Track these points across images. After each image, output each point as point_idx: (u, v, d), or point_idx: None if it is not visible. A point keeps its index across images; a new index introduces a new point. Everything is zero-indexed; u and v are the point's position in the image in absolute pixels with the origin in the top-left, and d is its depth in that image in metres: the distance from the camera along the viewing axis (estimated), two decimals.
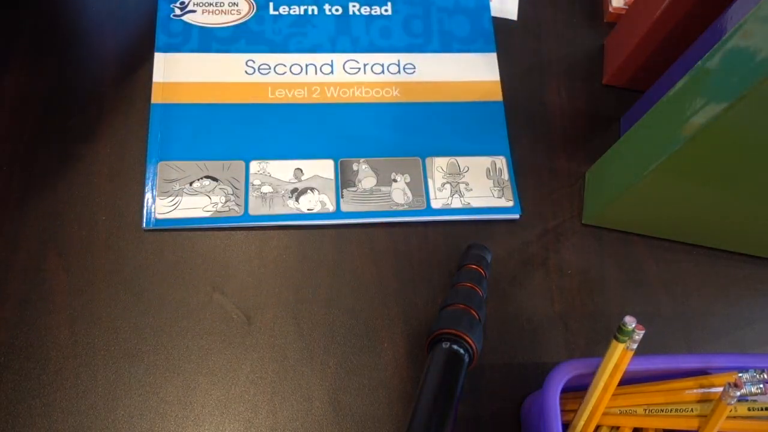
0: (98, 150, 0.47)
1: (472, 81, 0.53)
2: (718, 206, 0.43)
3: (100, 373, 0.40)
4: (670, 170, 0.39)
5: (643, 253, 0.49)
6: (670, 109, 0.39)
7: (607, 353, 0.32)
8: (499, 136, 0.51)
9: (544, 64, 0.56)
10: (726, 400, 0.31)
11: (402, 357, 0.43)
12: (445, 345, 0.37)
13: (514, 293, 0.46)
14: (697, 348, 0.46)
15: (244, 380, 0.41)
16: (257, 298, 0.44)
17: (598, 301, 0.47)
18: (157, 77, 0.49)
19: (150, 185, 0.45)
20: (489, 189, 0.49)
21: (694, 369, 0.35)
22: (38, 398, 0.39)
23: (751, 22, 0.32)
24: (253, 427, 0.40)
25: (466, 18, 0.56)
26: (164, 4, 0.53)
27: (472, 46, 0.55)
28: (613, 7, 0.58)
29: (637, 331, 0.31)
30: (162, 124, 0.48)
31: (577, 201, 0.50)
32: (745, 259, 0.49)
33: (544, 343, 0.45)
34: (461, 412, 0.42)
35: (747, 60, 0.32)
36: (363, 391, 0.42)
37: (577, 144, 0.52)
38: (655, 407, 0.35)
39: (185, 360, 0.41)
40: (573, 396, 0.36)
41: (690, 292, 0.48)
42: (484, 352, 0.43)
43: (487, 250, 0.45)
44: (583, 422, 0.35)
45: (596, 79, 0.56)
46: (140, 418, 0.39)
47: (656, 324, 0.46)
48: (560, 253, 0.48)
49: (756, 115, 0.33)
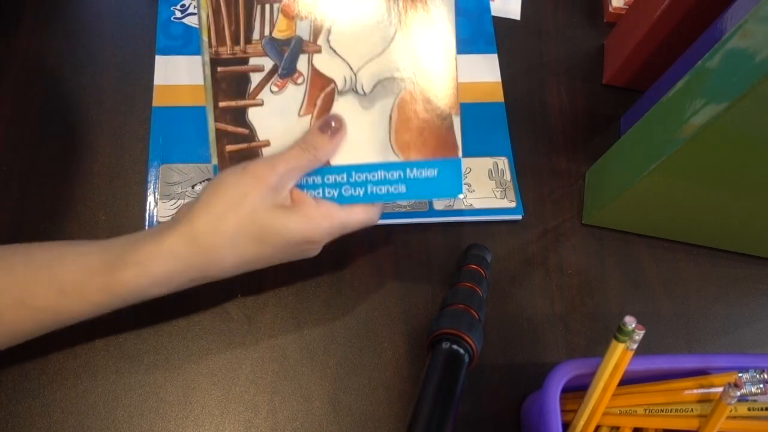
0: (99, 152, 0.47)
1: (474, 82, 0.53)
2: (718, 206, 0.43)
3: (100, 373, 0.40)
4: (670, 170, 0.39)
5: (643, 253, 0.49)
6: (670, 109, 0.39)
7: (607, 353, 0.32)
8: (501, 137, 0.51)
9: (545, 65, 0.56)
10: (726, 400, 0.31)
11: (402, 357, 0.43)
12: (445, 345, 0.37)
13: (514, 293, 0.46)
14: (697, 348, 0.46)
15: (244, 380, 0.41)
16: (257, 298, 0.44)
17: (598, 301, 0.47)
18: (158, 80, 0.49)
19: (152, 188, 0.45)
20: (491, 190, 0.49)
21: (694, 369, 0.35)
22: (38, 398, 0.39)
23: (751, 22, 0.33)
24: (253, 427, 0.40)
25: (466, 19, 0.56)
26: (165, 7, 0.53)
27: (473, 48, 0.55)
28: (613, 7, 0.58)
29: (637, 331, 0.31)
30: (163, 126, 0.47)
31: (577, 201, 0.50)
32: (745, 259, 0.49)
33: (544, 343, 0.45)
34: (461, 412, 0.42)
35: (747, 60, 0.32)
36: (363, 391, 0.42)
37: (577, 144, 0.52)
38: (655, 407, 0.35)
39: (185, 360, 0.41)
40: (573, 396, 0.36)
41: (690, 292, 0.48)
42: (484, 352, 0.43)
43: (487, 251, 0.45)
44: (583, 422, 0.35)
45: (596, 79, 0.56)
46: (140, 418, 0.39)
47: (656, 324, 0.46)
48: (560, 253, 0.48)
49: (756, 115, 0.33)
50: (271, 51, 0.37)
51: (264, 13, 0.37)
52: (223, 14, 0.36)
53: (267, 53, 0.37)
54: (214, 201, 0.34)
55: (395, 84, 0.38)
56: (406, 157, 0.39)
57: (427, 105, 0.39)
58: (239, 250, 0.34)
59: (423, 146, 0.39)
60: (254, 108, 0.37)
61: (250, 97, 0.37)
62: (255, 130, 0.37)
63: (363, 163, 0.38)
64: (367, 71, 0.38)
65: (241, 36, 0.37)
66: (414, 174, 0.39)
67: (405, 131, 0.39)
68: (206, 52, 0.37)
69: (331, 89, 0.38)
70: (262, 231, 0.34)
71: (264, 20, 0.37)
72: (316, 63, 0.38)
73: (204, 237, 0.33)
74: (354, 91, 0.38)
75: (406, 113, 0.38)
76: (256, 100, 0.37)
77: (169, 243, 0.33)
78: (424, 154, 0.39)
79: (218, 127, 0.37)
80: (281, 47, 0.37)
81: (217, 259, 0.34)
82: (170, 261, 0.33)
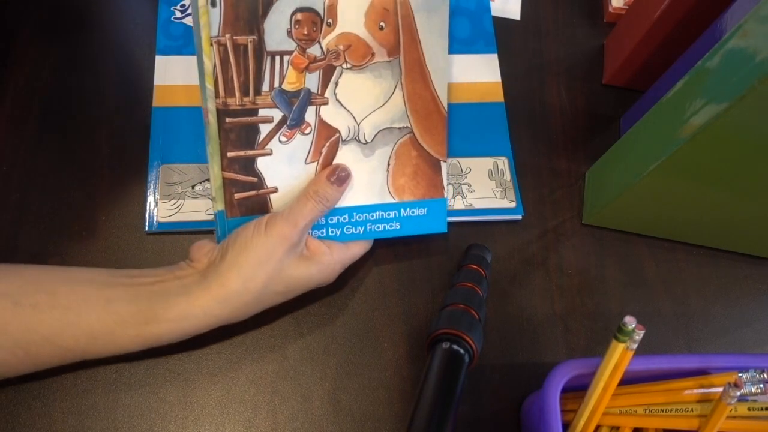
0: (99, 152, 0.47)
1: (474, 82, 0.53)
2: (718, 206, 0.43)
3: (100, 373, 0.40)
4: (670, 170, 0.39)
5: (643, 253, 0.49)
6: (670, 109, 0.39)
7: (607, 353, 0.32)
8: (501, 137, 0.51)
9: (545, 65, 0.56)
10: (726, 400, 0.31)
11: (402, 357, 0.43)
12: (445, 345, 0.37)
13: (514, 293, 0.46)
14: (697, 348, 0.46)
15: (244, 380, 0.41)
16: None
17: (598, 301, 0.47)
18: (158, 80, 0.49)
19: (152, 188, 0.45)
20: (491, 190, 0.49)
21: (694, 369, 0.35)
22: (38, 398, 0.39)
23: (751, 22, 0.32)
24: (253, 427, 0.40)
25: (466, 19, 0.56)
26: (165, 7, 0.53)
27: (473, 48, 0.55)
28: (613, 7, 0.58)
29: (637, 331, 0.31)
30: (163, 127, 0.47)
31: (577, 201, 0.50)
32: (745, 259, 0.49)
33: (544, 343, 0.45)
34: (461, 412, 0.42)
35: (747, 60, 0.32)
36: (363, 391, 0.42)
37: (577, 144, 0.52)
38: (655, 407, 0.35)
39: (185, 360, 0.41)
40: (573, 396, 0.36)
41: (690, 292, 0.48)
42: (484, 352, 0.43)
43: (487, 251, 0.45)
44: (583, 422, 0.35)
45: (596, 79, 0.56)
46: (140, 418, 0.39)
47: (656, 324, 0.46)
48: (560, 253, 0.48)
49: (756, 115, 0.33)
50: (280, 103, 0.39)
51: (274, 65, 0.38)
52: (231, 65, 0.37)
53: (277, 105, 0.39)
54: (243, 262, 0.36)
55: (394, 133, 0.42)
56: (400, 198, 0.43)
57: (422, 153, 0.43)
58: (266, 301, 0.38)
59: (416, 188, 0.43)
60: (263, 156, 0.39)
61: (259, 147, 0.39)
62: (264, 177, 0.39)
63: (363, 204, 0.42)
64: (369, 122, 0.41)
65: (251, 87, 0.38)
66: (407, 213, 0.43)
67: (400, 176, 0.43)
68: (211, 100, 0.37)
69: (336, 138, 0.41)
70: (288, 283, 0.38)
71: (274, 72, 0.38)
72: (322, 114, 0.40)
73: (236, 297, 0.36)
74: (357, 140, 0.41)
75: (402, 160, 0.42)
76: (265, 149, 0.39)
77: (201, 304, 0.35)
78: (416, 195, 0.43)
79: (226, 176, 0.38)
80: (290, 99, 0.39)
81: (246, 313, 0.38)
82: (202, 320, 0.36)
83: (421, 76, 0.41)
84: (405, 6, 0.40)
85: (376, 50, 0.40)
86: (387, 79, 0.41)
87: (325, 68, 0.39)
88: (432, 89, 0.42)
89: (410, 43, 0.41)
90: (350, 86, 0.40)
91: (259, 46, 0.37)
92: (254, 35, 0.37)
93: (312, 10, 0.38)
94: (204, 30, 0.36)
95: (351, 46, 0.39)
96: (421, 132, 0.42)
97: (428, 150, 0.43)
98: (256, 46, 0.37)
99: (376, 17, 0.40)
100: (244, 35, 0.37)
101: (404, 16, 0.40)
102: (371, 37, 0.40)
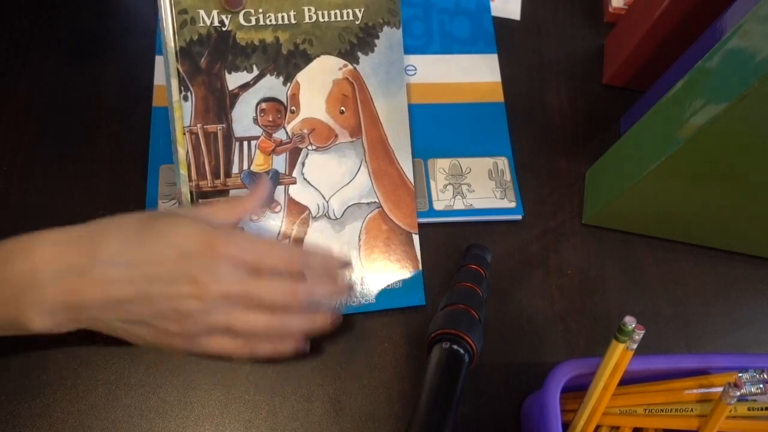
0: (99, 152, 0.47)
1: (474, 82, 0.53)
2: (718, 206, 0.43)
3: (100, 373, 0.40)
4: (670, 170, 0.39)
5: (643, 253, 0.49)
6: (670, 109, 0.39)
7: (607, 353, 0.32)
8: (500, 137, 0.51)
9: (544, 65, 0.56)
10: (726, 400, 0.31)
11: (402, 357, 0.43)
12: (445, 345, 0.37)
13: (514, 293, 0.46)
14: (697, 348, 0.46)
15: (244, 380, 0.41)
16: None
17: (598, 301, 0.47)
18: (158, 80, 0.49)
19: (152, 188, 0.45)
20: (491, 190, 0.49)
21: (694, 369, 0.35)
22: (38, 398, 0.39)
23: (751, 23, 0.33)
24: (253, 427, 0.40)
25: (467, 19, 0.56)
26: None
27: (473, 48, 0.55)
28: (613, 7, 0.58)
29: (637, 331, 0.31)
30: (163, 127, 0.47)
31: (577, 201, 0.50)
32: (745, 259, 0.49)
33: (544, 343, 0.45)
34: (461, 412, 0.42)
35: (747, 60, 0.32)
36: (363, 391, 0.42)
37: (577, 144, 0.52)
38: (655, 407, 0.35)
39: (185, 360, 0.41)
40: (573, 396, 0.36)
41: (690, 292, 0.48)
42: (484, 352, 0.43)
43: (487, 251, 0.45)
44: (583, 422, 0.35)
45: (596, 79, 0.56)
46: (140, 418, 0.39)
47: (656, 324, 0.46)
48: (560, 253, 0.48)
49: (756, 115, 0.33)
50: (249, 183, 0.42)
51: (243, 149, 0.42)
52: (203, 151, 0.41)
53: (246, 185, 0.42)
54: None
55: (362, 209, 0.44)
56: (374, 272, 0.44)
57: (392, 226, 0.45)
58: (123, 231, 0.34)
59: (389, 262, 0.44)
60: None
61: None
62: None
63: None
64: (337, 198, 0.44)
65: (221, 170, 0.41)
66: (381, 287, 0.44)
67: (372, 249, 0.44)
68: (185, 184, 0.41)
69: (306, 215, 0.43)
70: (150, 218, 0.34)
71: (243, 156, 0.42)
72: (291, 193, 0.43)
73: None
74: (327, 216, 0.43)
75: (373, 234, 0.44)
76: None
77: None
78: (389, 269, 0.44)
79: None
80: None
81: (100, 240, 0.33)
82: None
83: (385, 154, 0.44)
84: (363, 92, 0.44)
85: (339, 132, 0.44)
86: (351, 158, 0.44)
87: (291, 150, 0.42)
88: (397, 165, 0.45)
89: (371, 124, 0.44)
90: (316, 166, 0.43)
91: (228, 133, 0.41)
92: (223, 124, 0.41)
93: (276, 100, 0.42)
94: (178, 123, 0.40)
95: (315, 130, 0.43)
96: (389, 206, 0.44)
97: (398, 223, 0.45)
98: (225, 134, 0.41)
99: (336, 103, 0.44)
100: (213, 124, 0.41)
101: (363, 101, 0.44)
102: (333, 120, 0.43)
